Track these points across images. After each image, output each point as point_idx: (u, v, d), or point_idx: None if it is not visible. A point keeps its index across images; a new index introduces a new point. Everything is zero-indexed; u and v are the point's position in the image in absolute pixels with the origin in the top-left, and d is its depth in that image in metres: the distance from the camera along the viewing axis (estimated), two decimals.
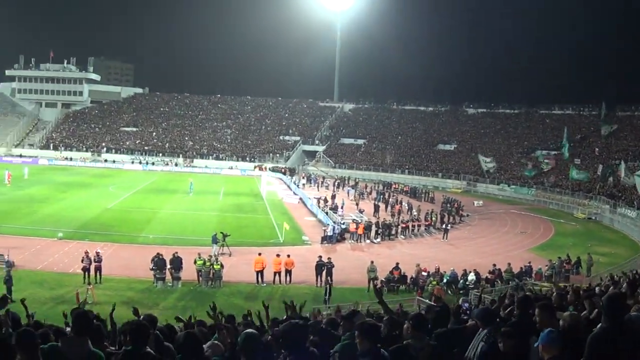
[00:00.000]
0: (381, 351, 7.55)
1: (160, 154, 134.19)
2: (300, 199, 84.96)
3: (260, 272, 42.58)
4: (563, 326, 8.44)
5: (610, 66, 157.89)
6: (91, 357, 7.45)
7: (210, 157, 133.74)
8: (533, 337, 8.12)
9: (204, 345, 9.85)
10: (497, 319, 9.85)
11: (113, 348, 9.46)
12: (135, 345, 7.73)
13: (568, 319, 8.80)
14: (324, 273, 43.13)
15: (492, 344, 8.43)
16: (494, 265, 46.79)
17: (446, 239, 62.64)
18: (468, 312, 31.05)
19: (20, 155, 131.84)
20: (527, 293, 18.38)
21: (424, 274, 44.43)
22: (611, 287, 22.68)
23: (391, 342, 8.33)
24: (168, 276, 40.75)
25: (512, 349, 8.05)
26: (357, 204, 78.89)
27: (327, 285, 40.84)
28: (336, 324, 12.69)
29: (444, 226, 65.05)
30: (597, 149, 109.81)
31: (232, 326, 9.88)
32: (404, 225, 64.72)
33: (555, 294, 13.91)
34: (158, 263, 40.70)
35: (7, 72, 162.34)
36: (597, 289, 24.52)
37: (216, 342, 9.88)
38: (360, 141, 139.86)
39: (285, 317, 16.62)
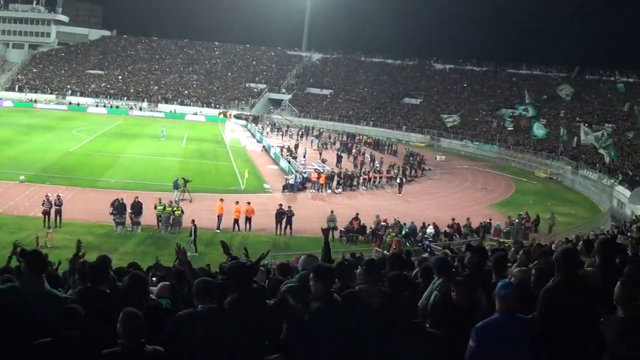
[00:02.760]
0: (334, 296, 7.60)
1: (125, 98, 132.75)
2: (264, 146, 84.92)
3: (219, 217, 42.78)
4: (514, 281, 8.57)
5: (581, 30, 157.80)
6: (49, 297, 7.45)
7: (175, 102, 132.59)
8: (480, 291, 8.34)
9: (153, 288, 10.01)
10: (452, 269, 10.06)
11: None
12: (94, 283, 7.87)
13: (518, 274, 9.02)
14: (283, 221, 43.65)
15: (445, 294, 8.54)
16: (453, 219, 47.30)
17: (400, 193, 62.34)
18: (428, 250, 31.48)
19: None
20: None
21: (383, 224, 44.89)
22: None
23: (342, 288, 8.39)
24: (128, 221, 40.81)
25: (464, 299, 8.12)
26: (320, 154, 78.90)
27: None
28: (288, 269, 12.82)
29: (398, 180, 64.69)
30: (562, 111, 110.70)
31: (189, 269, 9.88)
32: (365, 177, 65.10)
33: (521, 251, 14.11)
34: (118, 208, 40.73)
35: None
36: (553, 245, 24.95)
37: (166, 283, 9.94)
38: (326, 91, 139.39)
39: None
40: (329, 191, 59.82)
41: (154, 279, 14.05)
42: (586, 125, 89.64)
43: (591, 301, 7.22)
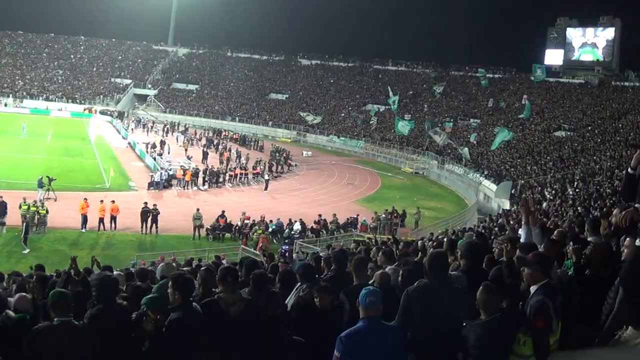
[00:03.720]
0: (193, 305, 7.62)
1: None
2: (129, 143, 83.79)
3: (84, 217, 41.94)
4: (376, 284, 8.76)
5: (443, 27, 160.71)
6: None
7: (41, 98, 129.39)
8: (342, 296, 8.48)
9: (10, 299, 9.92)
10: (316, 275, 10.13)
11: None
12: None
13: (380, 278, 9.27)
14: (149, 220, 43.25)
15: (306, 299, 8.56)
16: (320, 215, 47.86)
17: (267, 190, 62.75)
18: (286, 254, 31.78)
19: None
20: (344, 248, 18.77)
21: (247, 222, 45.18)
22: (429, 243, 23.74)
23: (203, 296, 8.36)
24: None
25: (329, 304, 8.29)
26: (185, 150, 78.64)
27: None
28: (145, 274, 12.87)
29: (266, 177, 65.12)
30: (426, 106, 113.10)
31: (40, 280, 9.72)
32: (232, 173, 65.03)
33: (380, 253, 14.29)
34: None
35: None
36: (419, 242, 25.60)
37: (25, 295, 9.79)
38: (192, 87, 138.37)
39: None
40: (195, 188, 59.59)
41: (14, 285, 13.95)
42: (456, 122, 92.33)
43: (456, 305, 7.41)
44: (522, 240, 9.48)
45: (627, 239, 7.60)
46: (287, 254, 20.91)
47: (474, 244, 9.91)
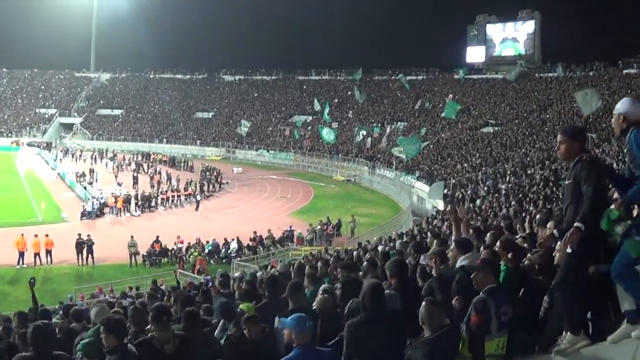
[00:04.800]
0: (128, 347, 7.66)
1: None
2: (59, 174, 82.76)
3: (21, 254, 41.54)
4: (318, 309, 9.10)
5: (367, 34, 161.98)
6: None
7: None
8: (278, 319, 8.53)
9: None
10: (235, 314, 9.99)
11: None
12: None
13: (321, 305, 9.35)
14: (84, 251, 42.92)
15: (238, 334, 8.70)
16: (255, 232, 48.10)
17: (198, 210, 62.63)
18: (209, 284, 31.81)
19: None
20: (275, 273, 18.83)
21: (180, 245, 45.21)
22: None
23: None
24: None
25: (259, 334, 8.48)
26: (116, 177, 77.51)
27: None
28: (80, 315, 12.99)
29: (199, 197, 65.02)
30: (351, 112, 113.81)
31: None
32: (163, 196, 64.91)
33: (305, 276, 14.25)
34: None
35: None
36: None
37: None
38: (117, 112, 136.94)
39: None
40: (128, 214, 59.24)
41: None
42: (382, 126, 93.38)
43: (397, 328, 7.53)
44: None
45: (559, 242, 7.77)
46: (209, 284, 20.96)
47: (401, 261, 10.11)
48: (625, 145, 7.11)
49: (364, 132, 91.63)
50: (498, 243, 9.41)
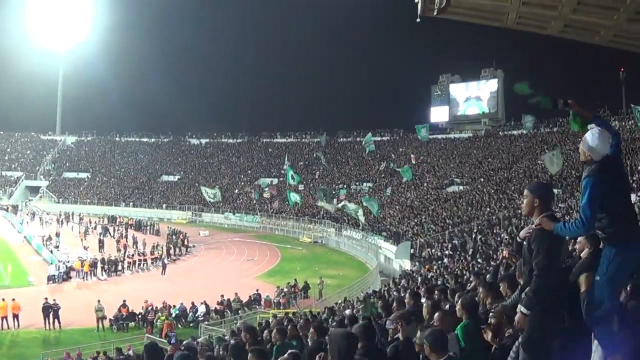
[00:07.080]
0: None
1: None
2: (25, 237, 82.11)
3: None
4: None
5: (332, 96, 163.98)
6: None
7: None
8: None
9: None
10: None
11: None
12: None
13: None
14: (51, 315, 42.49)
15: None
16: (222, 296, 47.89)
17: (164, 274, 62.20)
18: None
19: None
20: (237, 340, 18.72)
21: (150, 309, 44.77)
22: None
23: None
24: None
25: None
26: (82, 240, 76.79)
27: None
28: None
29: (163, 262, 64.50)
30: (317, 173, 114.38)
31: None
32: (130, 260, 64.38)
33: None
34: None
35: None
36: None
37: None
38: (83, 175, 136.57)
39: None
40: (95, 278, 58.71)
41: None
42: (349, 187, 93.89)
43: None
44: None
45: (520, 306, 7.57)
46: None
47: (368, 325, 10.18)
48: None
49: (325, 194, 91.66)
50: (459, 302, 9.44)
